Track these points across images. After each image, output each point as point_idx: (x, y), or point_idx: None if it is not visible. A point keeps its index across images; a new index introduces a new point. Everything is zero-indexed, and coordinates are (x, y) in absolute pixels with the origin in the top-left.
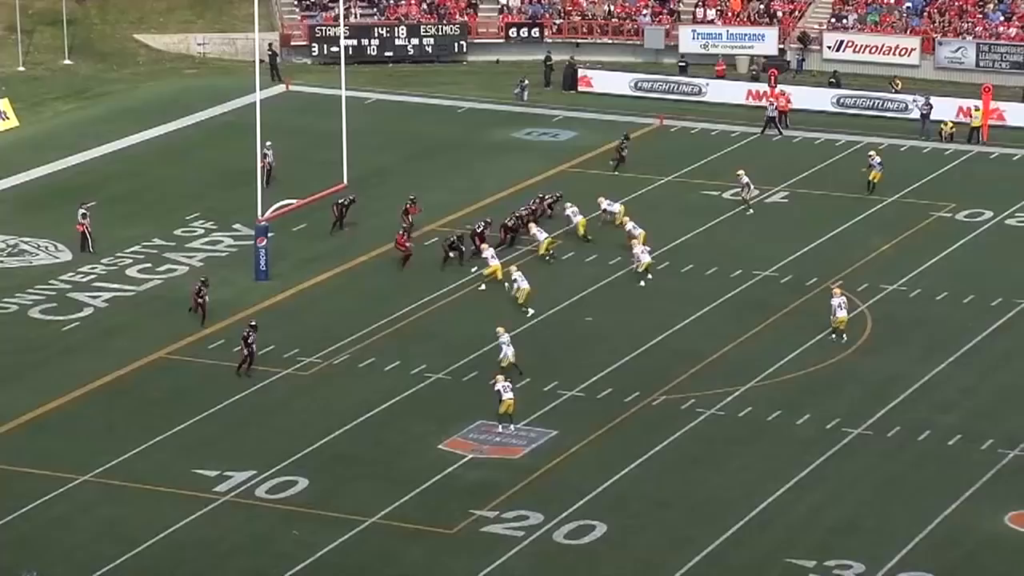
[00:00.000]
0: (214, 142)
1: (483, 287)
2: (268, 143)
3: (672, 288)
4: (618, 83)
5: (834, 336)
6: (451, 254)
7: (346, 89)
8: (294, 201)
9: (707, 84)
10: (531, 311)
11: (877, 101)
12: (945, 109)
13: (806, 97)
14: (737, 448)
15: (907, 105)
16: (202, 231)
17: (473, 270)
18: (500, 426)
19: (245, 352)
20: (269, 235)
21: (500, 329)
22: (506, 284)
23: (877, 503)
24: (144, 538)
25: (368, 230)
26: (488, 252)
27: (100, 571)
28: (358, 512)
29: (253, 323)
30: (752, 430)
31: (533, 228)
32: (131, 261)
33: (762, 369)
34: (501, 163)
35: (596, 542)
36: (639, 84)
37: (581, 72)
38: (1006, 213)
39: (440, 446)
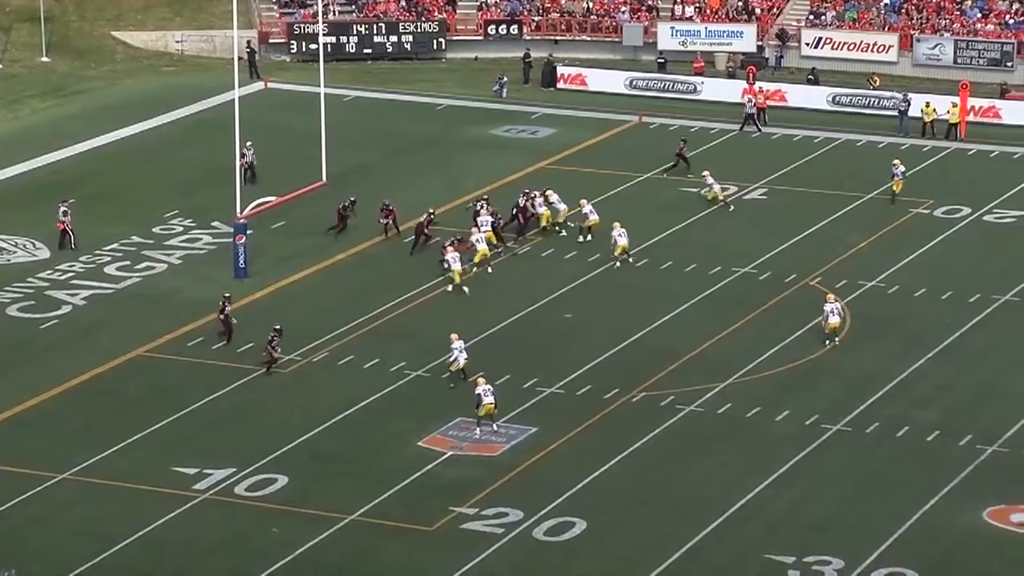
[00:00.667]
0: (192, 140)
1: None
2: (248, 143)
3: (651, 285)
4: (614, 81)
5: (827, 342)
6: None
7: (325, 86)
8: (273, 199)
9: (702, 82)
10: (466, 289)
11: (873, 99)
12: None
13: (802, 96)
14: (716, 444)
15: (909, 103)
16: (180, 229)
17: (465, 264)
18: (479, 429)
19: (272, 356)
20: (248, 233)
21: (454, 335)
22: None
23: (856, 499)
24: (123, 536)
25: (347, 228)
26: (476, 236)
27: (78, 570)
28: (337, 510)
29: (278, 327)
30: (731, 426)
31: (474, 235)
32: (109, 259)
33: (741, 366)
34: (480, 160)
35: (575, 539)
36: (634, 82)
37: (575, 71)
38: (984, 210)
39: (419, 443)
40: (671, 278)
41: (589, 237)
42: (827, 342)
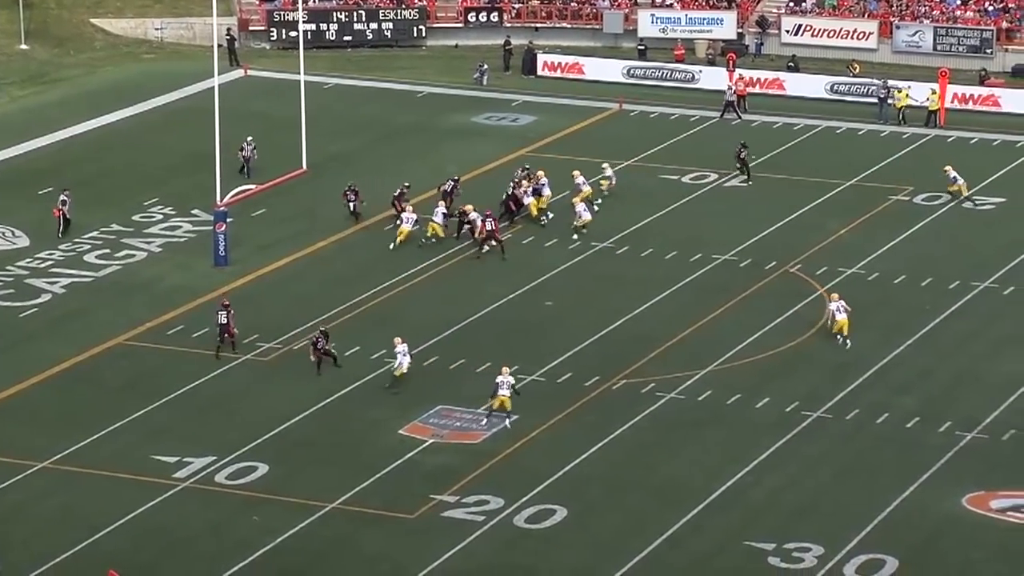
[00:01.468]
0: (172, 127)
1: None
2: (249, 138)
3: (631, 272)
4: (611, 70)
5: (839, 339)
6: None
7: (305, 74)
8: (253, 186)
9: (700, 71)
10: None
11: (869, 88)
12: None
13: (801, 84)
14: (697, 432)
15: (895, 90)
16: (161, 217)
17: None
18: (485, 419)
19: (318, 356)
20: (228, 221)
21: (398, 339)
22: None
23: (836, 486)
24: (103, 524)
25: (327, 215)
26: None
27: (59, 558)
28: (318, 497)
29: (324, 330)
30: (712, 414)
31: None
32: (89, 247)
33: (721, 353)
34: (461, 148)
35: (556, 526)
36: (632, 71)
37: (572, 60)
38: (963, 196)
39: (400, 431)
40: (652, 265)
41: (575, 236)
42: (839, 339)
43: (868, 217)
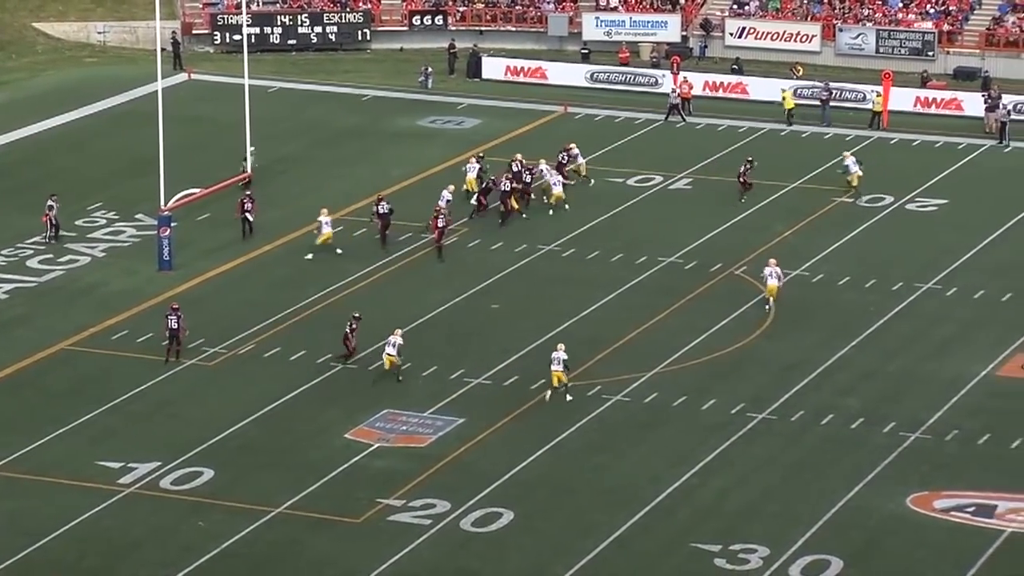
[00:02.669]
0: (115, 132)
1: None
2: (252, 147)
3: (578, 275)
4: (574, 75)
5: (766, 307)
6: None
7: (249, 77)
8: (197, 190)
9: (663, 75)
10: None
11: (836, 92)
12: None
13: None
14: (643, 433)
15: (864, 95)
16: (104, 221)
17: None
18: (548, 392)
19: (351, 346)
20: (172, 225)
21: (398, 330)
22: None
23: (781, 487)
24: (47, 531)
25: (272, 219)
26: (322, 218)
27: (2, 565)
28: (264, 502)
29: (357, 315)
30: (658, 415)
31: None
32: (32, 252)
33: (667, 355)
34: (406, 151)
35: (503, 529)
36: (595, 76)
37: (534, 64)
38: (906, 198)
39: (346, 435)
40: (597, 268)
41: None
42: (766, 307)
43: (812, 219)
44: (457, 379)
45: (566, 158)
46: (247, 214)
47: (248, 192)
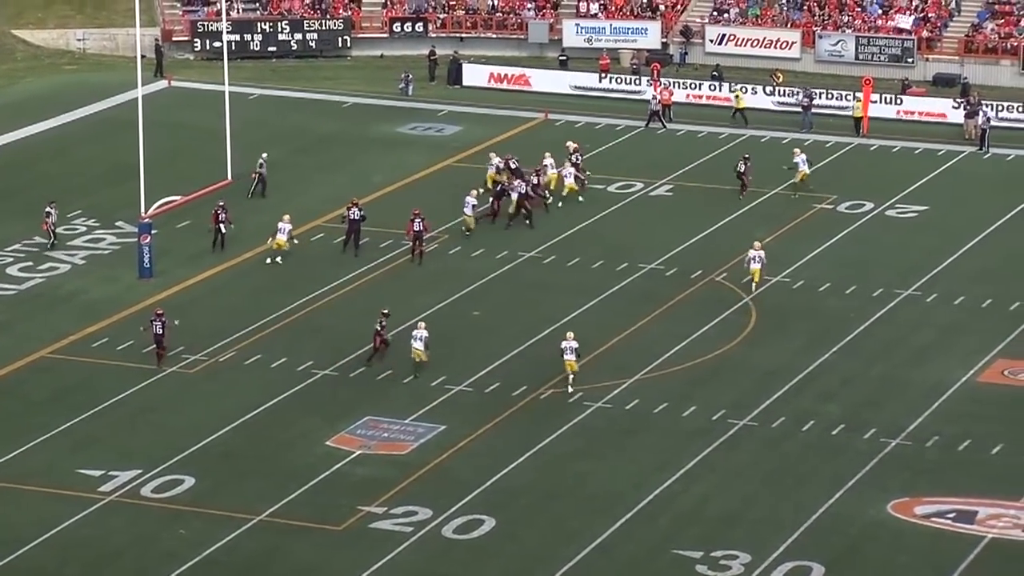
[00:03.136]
0: (95, 139)
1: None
2: (264, 155)
3: (559, 281)
4: (559, 83)
5: (752, 288)
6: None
7: (229, 85)
8: (178, 198)
9: (648, 82)
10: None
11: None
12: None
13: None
14: (624, 440)
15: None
16: (84, 229)
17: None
18: (570, 387)
19: (379, 342)
20: (152, 232)
21: (421, 324)
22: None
23: (762, 493)
24: (28, 539)
25: (253, 226)
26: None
27: None
28: (245, 510)
29: (385, 311)
30: (639, 422)
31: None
32: (11, 260)
33: (649, 361)
34: (386, 158)
35: (485, 536)
36: (578, 84)
37: (517, 72)
38: (886, 204)
39: (327, 442)
40: (578, 274)
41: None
42: (752, 287)
43: (793, 225)
44: (438, 386)
45: (578, 158)
46: (221, 225)
47: (222, 202)
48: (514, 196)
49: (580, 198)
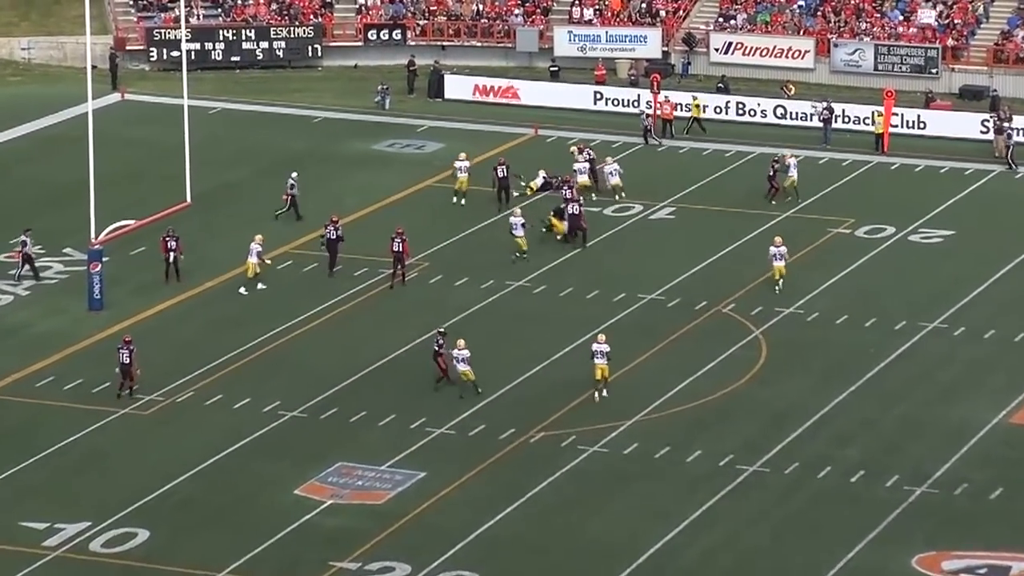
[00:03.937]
0: (41, 157)
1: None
2: (294, 173)
3: (550, 313)
4: (550, 95)
5: (775, 288)
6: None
7: (188, 98)
8: (131, 222)
9: (649, 104)
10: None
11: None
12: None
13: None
14: (622, 488)
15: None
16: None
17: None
18: (596, 393)
19: (442, 365)
20: (103, 260)
21: (461, 341)
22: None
23: (775, 546)
24: None
25: (215, 252)
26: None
27: None
28: (205, 566)
29: (442, 329)
30: (639, 468)
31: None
32: None
33: (649, 401)
34: (361, 178)
35: None
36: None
37: (504, 83)
38: (909, 229)
39: (296, 491)
40: (572, 305)
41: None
42: (775, 288)
43: (807, 251)
44: (418, 428)
45: (590, 154)
46: (171, 253)
47: (170, 229)
48: (573, 209)
49: (623, 193)
